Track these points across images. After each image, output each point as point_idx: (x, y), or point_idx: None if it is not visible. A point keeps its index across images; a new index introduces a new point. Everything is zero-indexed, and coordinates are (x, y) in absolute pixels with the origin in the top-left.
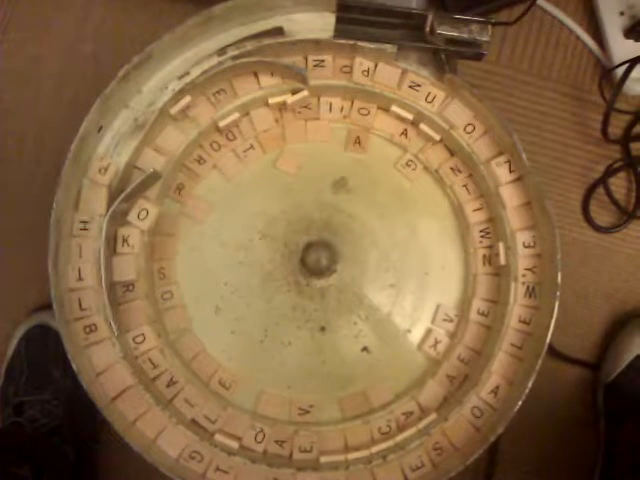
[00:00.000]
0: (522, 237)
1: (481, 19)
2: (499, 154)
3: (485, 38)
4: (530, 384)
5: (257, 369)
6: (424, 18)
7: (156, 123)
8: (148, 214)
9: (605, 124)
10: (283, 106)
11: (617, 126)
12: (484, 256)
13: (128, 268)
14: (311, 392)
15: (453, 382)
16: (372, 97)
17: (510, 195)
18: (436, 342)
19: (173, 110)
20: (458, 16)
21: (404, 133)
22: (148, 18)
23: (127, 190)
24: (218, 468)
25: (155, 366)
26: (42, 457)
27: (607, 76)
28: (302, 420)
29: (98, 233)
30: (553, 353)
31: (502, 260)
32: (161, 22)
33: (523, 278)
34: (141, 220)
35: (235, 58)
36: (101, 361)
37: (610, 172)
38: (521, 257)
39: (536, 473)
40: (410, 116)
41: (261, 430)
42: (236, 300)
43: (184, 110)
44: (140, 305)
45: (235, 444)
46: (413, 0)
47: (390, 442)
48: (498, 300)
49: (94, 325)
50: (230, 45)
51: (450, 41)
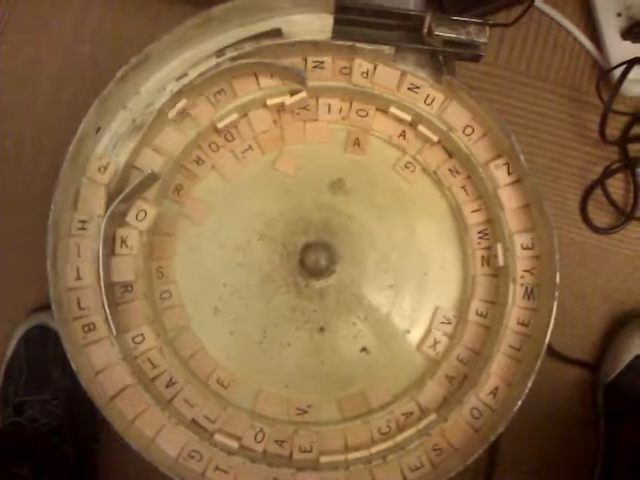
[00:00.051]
0: (520, 239)
1: (479, 21)
2: (498, 156)
3: (483, 40)
4: (529, 385)
5: (256, 370)
6: (422, 19)
7: (154, 124)
8: (146, 215)
9: (603, 125)
10: (281, 107)
11: (615, 127)
12: (482, 257)
13: (127, 269)
14: (310, 392)
15: (452, 382)
16: (371, 99)
17: (509, 197)
18: (435, 342)
19: (171, 114)
20: (456, 18)
21: (402, 134)
22: (146, 19)
23: (125, 191)
24: (217, 467)
25: (154, 366)
26: (42, 457)
27: (605, 77)
28: (302, 420)
29: (97, 233)
30: (552, 354)
31: (500, 261)
32: (159, 23)
33: (522, 280)
34: (139, 221)
35: (233, 59)
36: (100, 360)
37: (608, 173)
38: (519, 259)
39: (536, 473)
40: (408, 117)
41: (261, 430)
42: (235, 301)
43: (183, 111)
44: (139, 305)
45: (235, 444)
46: (411, 1)
47: (390, 442)
48: (497, 301)
49: (93, 324)
50: (228, 46)
51: (448, 42)
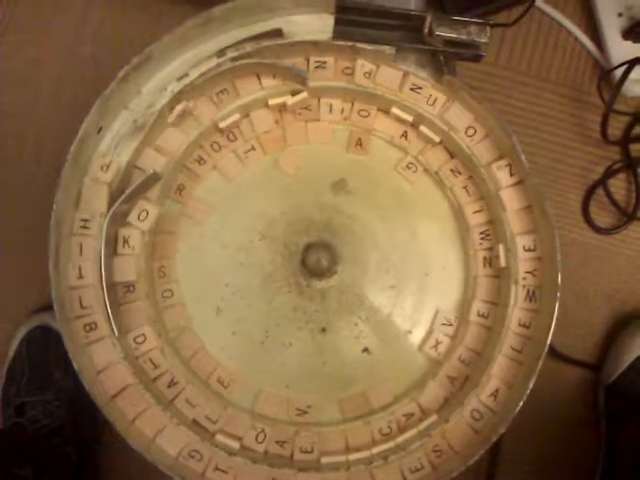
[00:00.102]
0: (522, 241)
1: (479, 21)
2: (500, 158)
3: (483, 40)
4: (530, 387)
5: (257, 370)
6: (423, 20)
7: (156, 124)
8: (148, 215)
9: (604, 125)
10: (283, 107)
11: (616, 127)
12: (484, 258)
13: (129, 269)
14: (310, 393)
15: (454, 383)
16: (373, 99)
17: (510, 198)
18: (437, 343)
19: (170, 118)
20: (456, 18)
21: (404, 135)
22: (147, 20)
23: (127, 191)
24: (217, 467)
25: (156, 366)
26: (43, 458)
27: (606, 77)
28: (302, 420)
29: (99, 232)
30: (554, 354)
31: (502, 262)
32: (160, 24)
33: (523, 281)
34: (141, 221)
35: (234, 60)
36: (101, 359)
37: (610, 173)
38: (521, 260)
39: (537, 473)
40: (410, 118)
41: (262, 430)
42: (237, 301)
43: (183, 113)
44: (141, 306)
45: (236, 444)
46: (411, 1)
47: (391, 443)
48: (498, 302)
49: (94, 323)
50: (229, 47)
51: (449, 43)
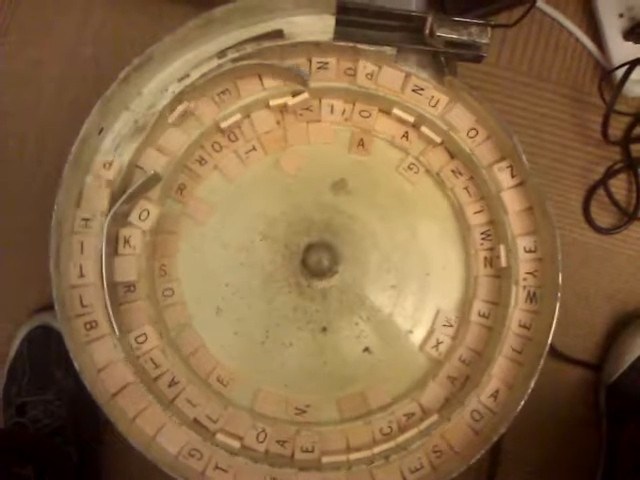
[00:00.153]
0: (523, 242)
1: (480, 21)
2: (501, 159)
3: (484, 40)
4: (531, 387)
5: (257, 369)
6: (423, 20)
7: (157, 125)
8: (149, 215)
9: (605, 126)
10: (284, 108)
11: (617, 128)
12: (485, 258)
13: (129, 269)
14: (309, 392)
15: (454, 383)
16: (374, 100)
17: (512, 200)
18: (438, 343)
19: (171, 118)
20: (457, 18)
21: (405, 136)
22: (148, 20)
23: (128, 191)
24: (217, 466)
25: (157, 366)
26: (45, 458)
27: (607, 78)
28: (302, 420)
29: (100, 231)
30: (555, 354)
31: (503, 262)
32: (161, 24)
33: (524, 282)
34: (142, 221)
35: (235, 60)
36: (102, 357)
37: (610, 173)
38: (522, 261)
39: (538, 473)
40: (411, 119)
41: (263, 430)
42: (237, 301)
43: (184, 114)
44: (141, 305)
45: (237, 444)
46: (412, 2)
47: (391, 443)
48: (499, 302)
49: (95, 322)
50: (230, 47)
51: (449, 43)
